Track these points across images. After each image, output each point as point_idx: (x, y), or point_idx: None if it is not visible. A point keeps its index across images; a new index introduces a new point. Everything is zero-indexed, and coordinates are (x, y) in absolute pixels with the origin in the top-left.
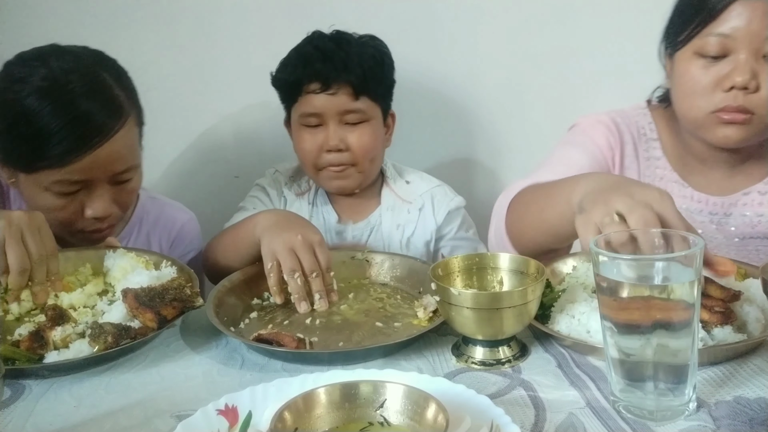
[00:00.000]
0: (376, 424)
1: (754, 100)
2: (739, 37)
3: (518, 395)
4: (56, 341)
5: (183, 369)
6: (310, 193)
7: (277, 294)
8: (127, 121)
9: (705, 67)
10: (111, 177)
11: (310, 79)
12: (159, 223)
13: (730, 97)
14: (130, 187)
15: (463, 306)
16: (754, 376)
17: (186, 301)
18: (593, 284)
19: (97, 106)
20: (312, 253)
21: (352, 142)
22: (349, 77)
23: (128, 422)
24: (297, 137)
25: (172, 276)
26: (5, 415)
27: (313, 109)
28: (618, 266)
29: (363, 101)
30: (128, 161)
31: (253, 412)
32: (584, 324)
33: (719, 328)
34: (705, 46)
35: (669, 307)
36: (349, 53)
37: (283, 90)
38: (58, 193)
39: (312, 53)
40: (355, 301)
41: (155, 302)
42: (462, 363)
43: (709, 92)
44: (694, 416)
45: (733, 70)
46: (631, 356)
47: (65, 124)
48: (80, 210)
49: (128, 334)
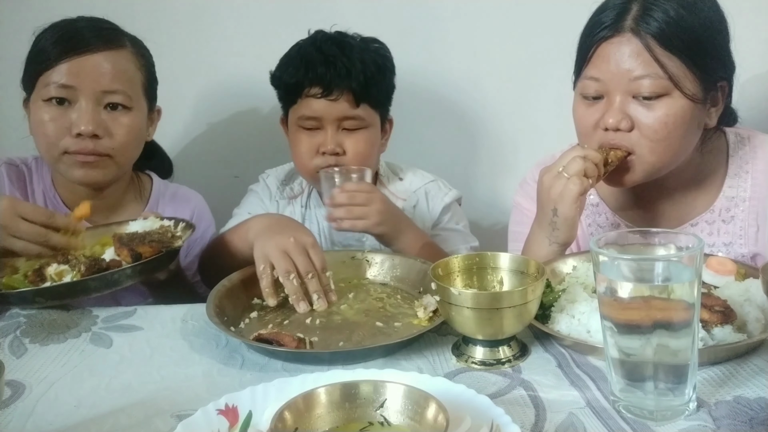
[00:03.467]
0: (376, 424)
1: (631, 138)
2: (608, 80)
3: (518, 395)
4: (52, 275)
5: (183, 369)
6: (303, 196)
7: (270, 296)
8: (121, 50)
9: (587, 108)
10: (99, 94)
11: (311, 83)
12: (175, 201)
13: (608, 136)
14: (124, 121)
15: (463, 306)
16: (754, 376)
17: (165, 243)
18: (593, 284)
19: (90, 26)
20: (306, 255)
21: (349, 147)
22: (351, 84)
23: (128, 422)
24: (293, 138)
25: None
26: (5, 415)
27: (313, 113)
28: (618, 266)
29: (363, 108)
30: (117, 82)
31: (254, 412)
32: (584, 324)
33: (719, 327)
34: (584, 88)
35: (669, 307)
36: (351, 59)
37: (282, 90)
38: (50, 102)
39: (314, 56)
40: (355, 300)
41: (134, 242)
42: (462, 363)
43: (592, 131)
44: (694, 416)
45: (606, 113)
46: (631, 356)
47: (60, 36)
48: (69, 126)
49: (99, 265)
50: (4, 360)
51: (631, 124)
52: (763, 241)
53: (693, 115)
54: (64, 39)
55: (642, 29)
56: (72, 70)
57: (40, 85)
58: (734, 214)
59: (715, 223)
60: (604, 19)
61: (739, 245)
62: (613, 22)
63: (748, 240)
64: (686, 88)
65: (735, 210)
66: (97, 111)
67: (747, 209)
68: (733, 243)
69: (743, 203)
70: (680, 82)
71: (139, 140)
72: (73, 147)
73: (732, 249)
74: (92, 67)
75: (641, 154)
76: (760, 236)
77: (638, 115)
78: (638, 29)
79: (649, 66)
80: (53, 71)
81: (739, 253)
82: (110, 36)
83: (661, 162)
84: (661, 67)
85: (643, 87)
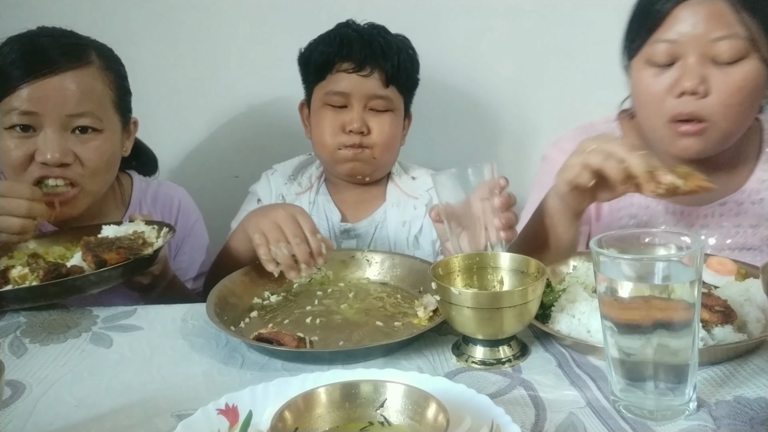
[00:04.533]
0: (376, 424)
1: (706, 105)
2: (685, 42)
3: (518, 395)
4: (15, 278)
5: (183, 368)
6: (311, 191)
7: (269, 263)
8: (87, 68)
9: (656, 76)
10: (65, 118)
11: (344, 57)
12: (158, 202)
13: (681, 104)
14: (94, 145)
15: (463, 305)
16: (754, 376)
17: (134, 249)
18: (593, 284)
19: (53, 43)
20: (295, 222)
21: (375, 127)
22: (384, 63)
23: (129, 422)
24: (317, 116)
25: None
26: (5, 415)
27: (343, 89)
28: (618, 266)
29: (392, 90)
30: (83, 105)
31: (254, 412)
32: (584, 324)
33: (719, 327)
34: (654, 53)
35: (669, 307)
36: (387, 40)
37: (311, 66)
38: (12, 129)
39: (351, 34)
40: (356, 300)
41: (100, 248)
42: (462, 362)
43: (661, 100)
44: (695, 416)
45: (682, 76)
46: (631, 356)
47: (21, 56)
48: (33, 155)
49: (58, 270)
50: (4, 360)
51: (706, 89)
52: None
53: (764, 81)
54: (25, 59)
55: None
56: (34, 95)
57: (2, 111)
58: (764, 197)
59: (744, 204)
60: None
61: (765, 227)
62: None
63: None
64: (763, 51)
65: (765, 193)
66: (63, 137)
67: None
68: (759, 225)
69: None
70: (759, 44)
71: (112, 163)
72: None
73: (758, 231)
74: (56, 89)
75: (716, 120)
76: None
77: (715, 79)
78: None
79: (731, 27)
80: (13, 96)
81: (765, 236)
82: (75, 52)
83: (732, 129)
84: (745, 27)
85: (723, 49)
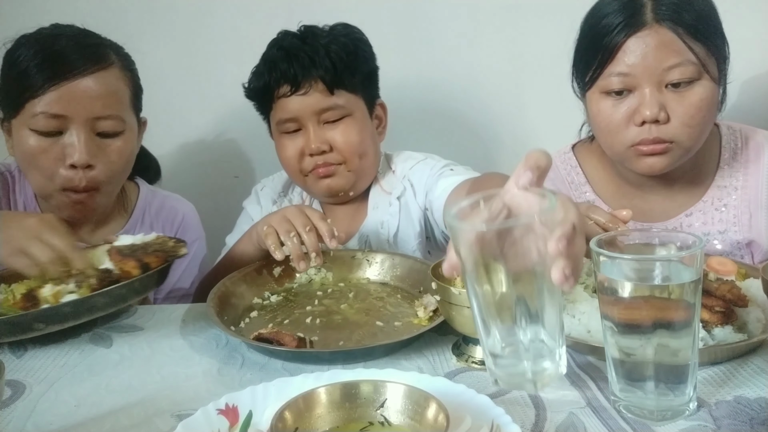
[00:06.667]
0: (376, 424)
1: (668, 129)
2: (639, 74)
3: (518, 395)
4: (47, 297)
5: (183, 369)
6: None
7: (276, 250)
8: (110, 69)
9: (614, 105)
10: (91, 121)
11: (278, 82)
12: (161, 214)
13: (644, 131)
14: (116, 146)
15: (463, 305)
16: (754, 376)
17: (169, 252)
18: (593, 284)
19: (74, 46)
20: (303, 214)
21: (336, 140)
22: (318, 72)
23: (129, 422)
24: (278, 146)
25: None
26: (5, 415)
27: (288, 114)
28: (619, 266)
29: (340, 95)
30: (109, 107)
31: (254, 412)
32: (585, 324)
33: (719, 327)
34: (610, 85)
35: (669, 307)
36: (314, 47)
37: (256, 100)
38: (39, 132)
39: (276, 55)
40: (356, 300)
41: (137, 253)
42: (462, 362)
43: (623, 128)
44: (695, 416)
45: (641, 105)
46: (631, 356)
47: (42, 59)
48: (61, 158)
49: (110, 276)
50: (4, 360)
51: (667, 115)
52: (757, 228)
53: (716, 98)
54: (48, 62)
55: (665, 19)
56: (62, 98)
57: (26, 113)
58: (727, 202)
59: (709, 213)
60: (620, 16)
61: (734, 232)
62: (631, 16)
63: (742, 227)
64: (712, 71)
65: (727, 199)
66: (90, 139)
67: (739, 197)
68: (727, 230)
69: (735, 192)
70: (707, 66)
71: (130, 162)
72: (67, 183)
73: (727, 236)
74: (83, 92)
75: (679, 141)
76: (754, 223)
77: (672, 104)
78: (660, 20)
79: (681, 54)
80: (40, 99)
81: (735, 240)
82: (97, 53)
83: (694, 144)
84: (693, 53)
85: (676, 75)
